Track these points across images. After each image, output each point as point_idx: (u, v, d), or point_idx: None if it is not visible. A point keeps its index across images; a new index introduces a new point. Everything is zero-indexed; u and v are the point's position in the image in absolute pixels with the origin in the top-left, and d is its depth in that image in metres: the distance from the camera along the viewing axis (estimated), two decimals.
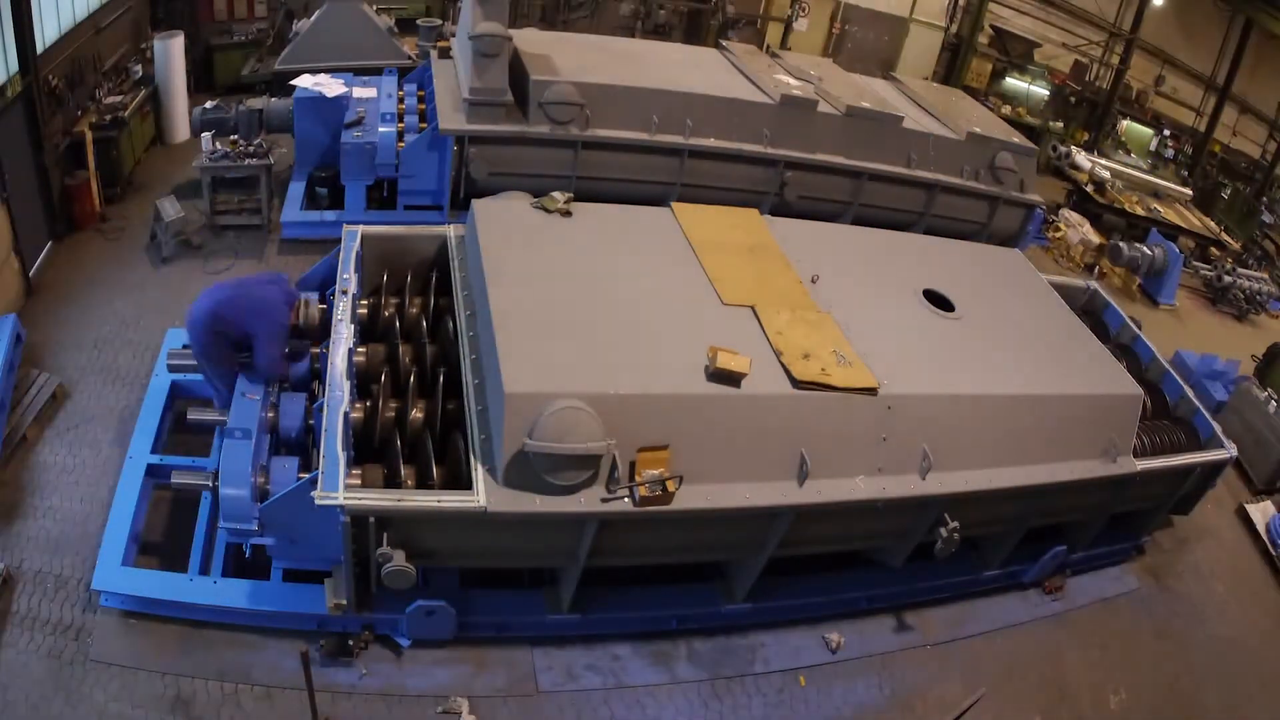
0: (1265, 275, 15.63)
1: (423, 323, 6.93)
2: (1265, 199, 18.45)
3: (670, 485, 5.55)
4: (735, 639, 6.91)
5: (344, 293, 6.67)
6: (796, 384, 6.00)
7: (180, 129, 12.23)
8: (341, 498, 5.26)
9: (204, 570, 6.23)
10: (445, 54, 11.19)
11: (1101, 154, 18.27)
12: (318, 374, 6.85)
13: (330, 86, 10.50)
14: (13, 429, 7.25)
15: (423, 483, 5.81)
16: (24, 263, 8.85)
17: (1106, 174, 16.66)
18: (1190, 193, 17.88)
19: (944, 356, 6.85)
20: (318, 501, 5.23)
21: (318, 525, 5.60)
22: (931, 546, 6.67)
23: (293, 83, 10.72)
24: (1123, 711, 7.22)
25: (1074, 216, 15.21)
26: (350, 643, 6.11)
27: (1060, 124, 19.67)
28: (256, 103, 11.00)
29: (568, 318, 6.15)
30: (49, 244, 9.62)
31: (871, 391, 6.15)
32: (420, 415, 6.31)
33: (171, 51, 11.95)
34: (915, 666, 7.09)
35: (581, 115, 9.74)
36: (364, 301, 7.16)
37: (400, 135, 10.21)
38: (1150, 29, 20.15)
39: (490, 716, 6.03)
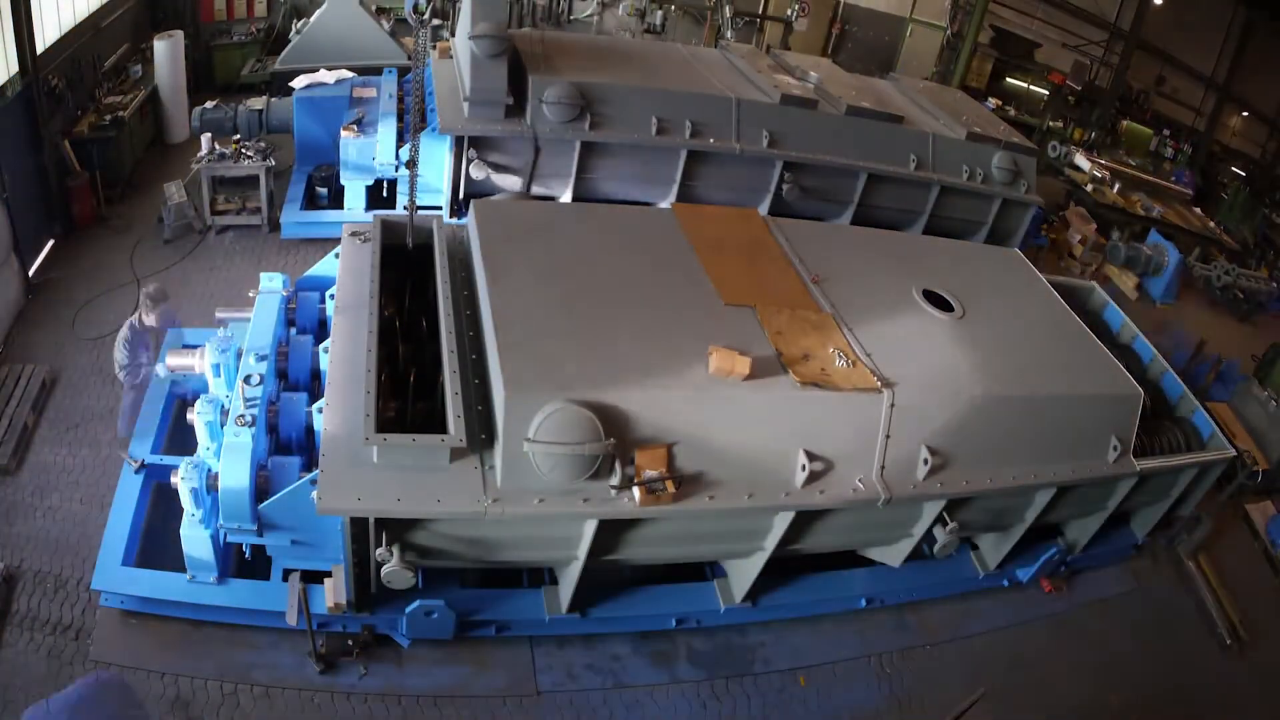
0: (1265, 275, 15.63)
1: (423, 323, 6.92)
2: (1267, 199, 18.46)
3: (670, 485, 5.55)
4: (735, 639, 6.92)
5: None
6: (797, 384, 5.99)
7: (180, 129, 12.24)
8: None
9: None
10: (445, 54, 11.20)
11: (1101, 154, 18.28)
12: (318, 374, 6.85)
13: (327, 76, 10.53)
14: (11, 421, 7.27)
15: None
16: (24, 262, 8.86)
17: (1106, 174, 16.66)
18: (1190, 193, 17.88)
19: (944, 356, 6.84)
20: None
21: (318, 525, 5.62)
22: (931, 546, 6.67)
23: (290, 84, 10.74)
24: (1123, 711, 7.22)
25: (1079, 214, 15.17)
26: (350, 643, 6.11)
27: (1060, 124, 19.68)
28: (256, 103, 11.02)
29: (567, 318, 6.15)
30: (49, 244, 9.63)
31: (871, 391, 6.15)
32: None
33: (171, 51, 11.96)
34: (915, 666, 7.09)
35: (582, 115, 9.74)
36: None
37: (400, 135, 10.21)
38: (1150, 29, 20.15)
39: (490, 716, 6.04)
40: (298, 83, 10.81)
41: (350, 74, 10.77)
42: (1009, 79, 20.58)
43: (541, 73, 9.80)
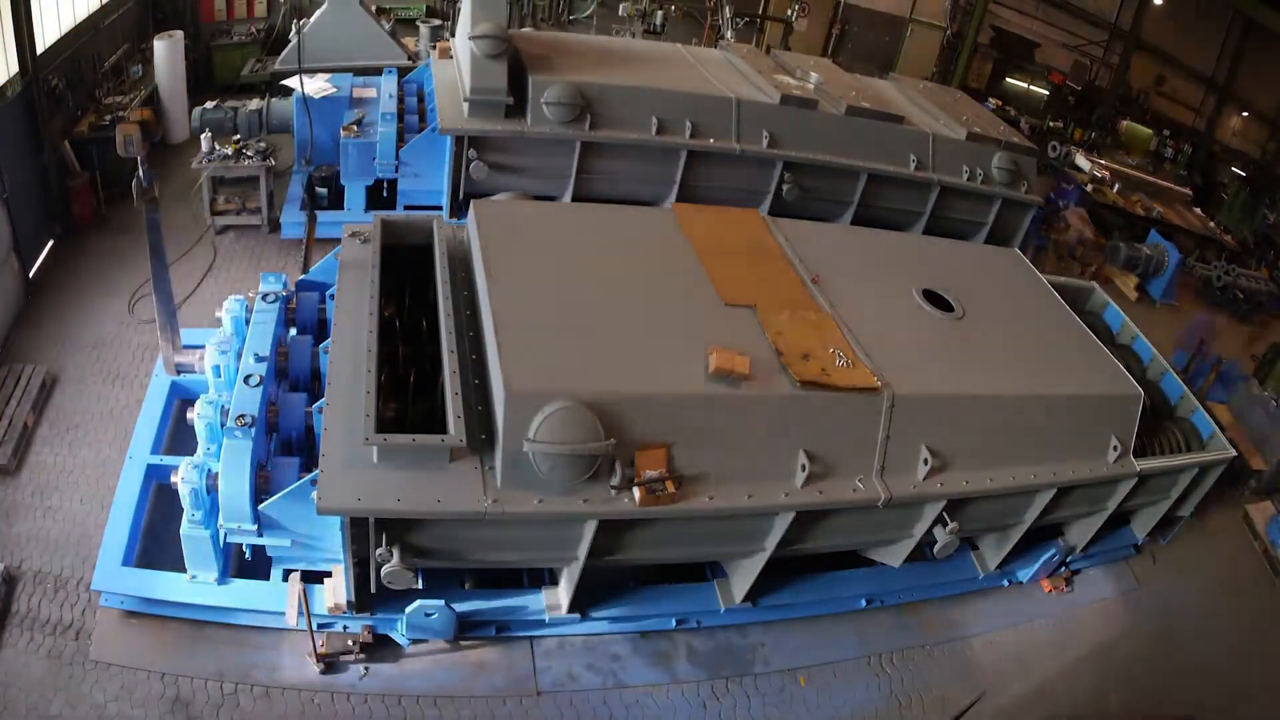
0: (1265, 275, 15.62)
1: (423, 323, 6.93)
2: (1267, 199, 18.45)
3: (670, 485, 5.55)
4: (735, 639, 6.91)
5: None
6: (797, 384, 6.00)
7: (180, 129, 12.23)
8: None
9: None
10: (445, 54, 11.19)
11: (1101, 154, 18.28)
12: (318, 373, 6.86)
13: (309, 85, 10.51)
14: (11, 421, 7.27)
15: None
16: (24, 262, 8.86)
17: (1106, 174, 16.66)
18: (1190, 193, 17.88)
19: (944, 356, 6.85)
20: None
21: (318, 525, 5.61)
22: (931, 546, 6.67)
23: (284, 83, 10.74)
24: (1123, 711, 7.21)
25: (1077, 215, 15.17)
26: (350, 643, 6.11)
27: (1060, 124, 19.67)
28: (256, 103, 11.01)
29: (567, 318, 6.15)
30: (49, 244, 9.62)
31: (871, 391, 6.15)
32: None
33: (171, 51, 11.95)
34: (915, 666, 7.09)
35: (582, 115, 9.74)
36: None
37: (400, 135, 10.21)
38: (1150, 29, 20.15)
39: (490, 716, 6.04)
40: (292, 81, 10.81)
41: (331, 87, 10.75)
42: (1009, 79, 20.57)
43: (541, 73, 9.80)
